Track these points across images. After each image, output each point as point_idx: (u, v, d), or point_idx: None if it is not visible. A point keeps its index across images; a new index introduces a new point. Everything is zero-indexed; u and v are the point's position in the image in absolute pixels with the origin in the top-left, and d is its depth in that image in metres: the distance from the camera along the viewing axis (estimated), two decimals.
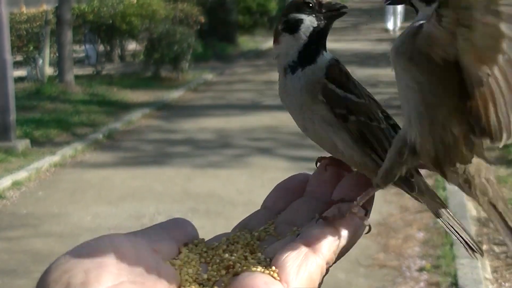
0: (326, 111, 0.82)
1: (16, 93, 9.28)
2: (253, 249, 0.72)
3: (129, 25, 13.89)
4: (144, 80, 13.10)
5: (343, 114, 0.82)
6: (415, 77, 0.74)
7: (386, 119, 0.85)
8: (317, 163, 0.85)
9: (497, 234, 5.38)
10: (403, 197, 6.32)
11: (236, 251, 0.71)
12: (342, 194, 0.77)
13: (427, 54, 0.72)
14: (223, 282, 0.67)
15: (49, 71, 12.73)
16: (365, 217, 0.75)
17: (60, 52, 12.03)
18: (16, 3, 17.59)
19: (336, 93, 0.82)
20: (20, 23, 13.03)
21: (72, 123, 9.66)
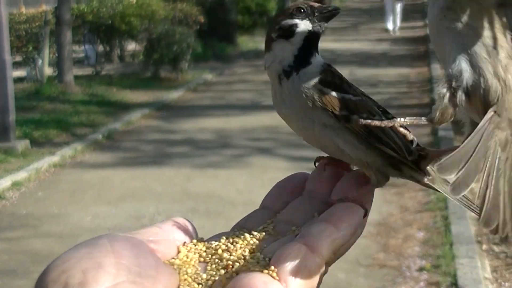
0: (326, 116, 0.82)
1: (16, 93, 9.28)
2: (252, 248, 0.72)
3: (129, 25, 13.89)
4: (144, 80, 13.11)
5: (345, 116, 0.82)
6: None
7: (384, 113, 0.86)
8: (315, 163, 0.86)
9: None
10: (403, 197, 6.33)
11: (235, 250, 0.71)
12: (341, 193, 0.77)
13: None
14: (222, 282, 0.67)
15: (48, 71, 12.73)
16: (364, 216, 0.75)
17: (60, 52, 12.04)
18: (16, 3, 17.60)
19: (333, 96, 0.82)
20: (19, 23, 13.03)
21: (71, 124, 9.66)
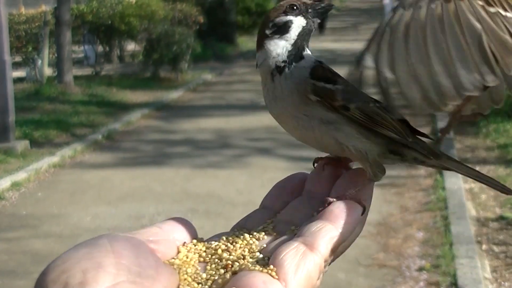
0: (323, 110, 0.82)
1: (15, 94, 9.29)
2: (251, 248, 0.72)
3: (128, 25, 13.89)
4: (143, 80, 13.11)
5: (342, 105, 0.82)
6: None
7: (375, 101, 0.86)
8: (314, 163, 0.86)
9: (497, 234, 5.39)
10: (403, 197, 6.33)
11: (234, 250, 0.71)
12: (339, 192, 0.77)
13: None
14: (221, 281, 0.67)
15: (48, 71, 12.73)
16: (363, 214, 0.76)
17: (59, 52, 12.04)
18: (15, 4, 17.60)
19: (327, 88, 0.82)
20: (19, 24, 13.05)
21: (71, 124, 9.65)
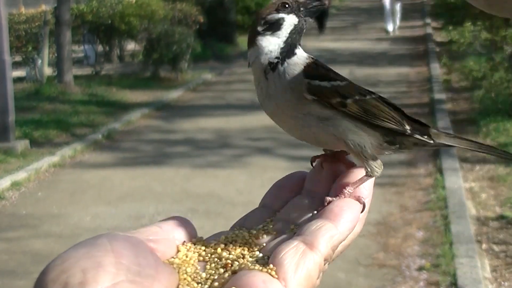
0: (320, 108, 0.82)
1: (15, 93, 9.29)
2: (251, 247, 0.72)
3: (128, 25, 13.89)
4: (143, 80, 13.11)
5: (339, 102, 0.82)
6: None
7: (370, 93, 0.87)
8: (312, 162, 0.86)
9: (497, 233, 5.39)
10: (402, 196, 6.33)
11: (234, 249, 0.71)
12: (339, 191, 0.78)
13: None
14: (221, 281, 0.67)
15: (48, 71, 12.73)
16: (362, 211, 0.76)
17: (59, 52, 12.04)
18: (15, 3, 17.60)
19: (323, 86, 0.82)
20: (19, 23, 13.05)
21: (71, 124, 9.66)
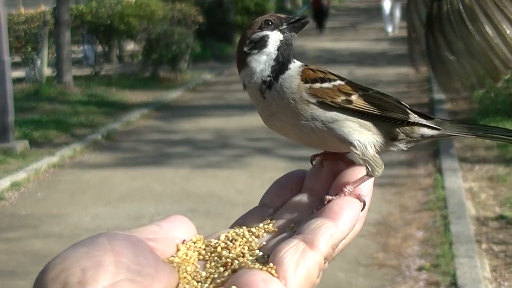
0: (324, 110, 0.82)
1: (15, 94, 9.29)
2: (251, 246, 0.72)
3: (127, 25, 13.89)
4: (143, 80, 13.11)
5: (344, 100, 0.83)
6: None
7: (371, 90, 0.87)
8: (312, 161, 0.86)
9: (496, 233, 5.39)
10: (402, 196, 6.33)
11: (234, 248, 0.71)
12: (338, 189, 0.77)
13: None
14: (221, 279, 0.67)
15: (47, 72, 12.73)
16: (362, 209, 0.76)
17: (59, 53, 12.04)
18: (14, 4, 17.61)
19: (325, 87, 0.83)
20: (18, 24, 13.05)
21: (70, 124, 9.65)
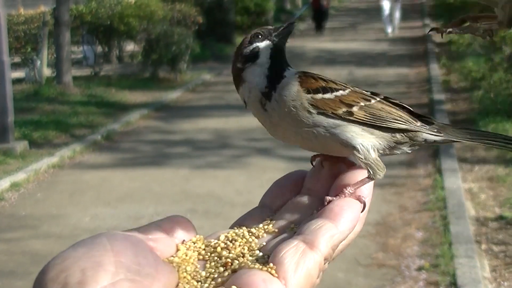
0: (328, 119, 0.82)
1: (14, 94, 9.29)
2: (251, 246, 0.72)
3: (127, 26, 13.89)
4: (142, 81, 13.11)
5: (346, 111, 0.82)
6: None
7: (374, 95, 0.87)
8: (312, 161, 0.86)
9: (496, 233, 5.39)
10: (402, 196, 6.33)
11: (234, 248, 0.71)
12: (339, 190, 0.77)
13: None
14: (221, 279, 0.67)
15: (47, 72, 12.73)
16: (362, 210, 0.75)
17: (58, 53, 12.04)
18: (14, 4, 17.60)
19: (327, 98, 0.82)
20: (18, 24, 13.04)
21: (70, 125, 9.65)
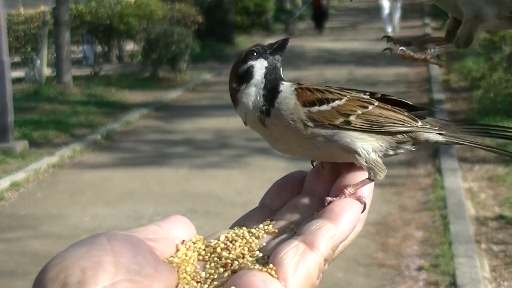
0: (326, 130, 0.82)
1: (14, 94, 9.29)
2: (251, 247, 0.72)
3: (127, 25, 13.89)
4: (142, 80, 13.11)
5: (343, 121, 0.82)
6: None
7: (372, 95, 0.86)
8: (312, 162, 0.86)
9: (496, 233, 5.39)
10: (402, 196, 6.33)
11: (234, 249, 0.71)
12: (339, 191, 0.77)
13: None
14: (221, 280, 0.67)
15: (47, 72, 12.73)
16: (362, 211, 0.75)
17: (58, 53, 12.03)
18: (14, 4, 17.59)
19: (323, 110, 0.82)
20: (18, 24, 13.04)
21: (70, 124, 9.65)
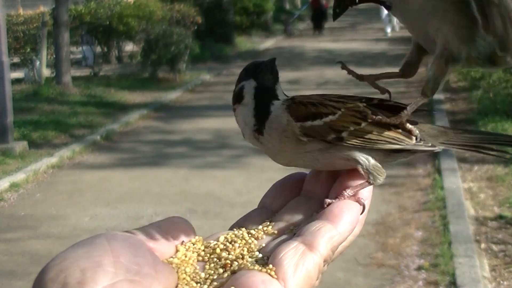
0: (320, 145, 0.81)
1: (14, 95, 9.29)
2: (250, 247, 0.72)
3: (126, 26, 13.90)
4: (142, 81, 13.11)
5: (336, 137, 0.80)
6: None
7: (368, 102, 0.84)
8: None
9: (495, 233, 5.40)
10: (401, 196, 6.33)
11: (233, 249, 0.71)
12: (338, 192, 0.77)
13: None
14: (220, 281, 0.67)
15: (46, 72, 12.73)
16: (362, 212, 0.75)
17: (57, 53, 12.04)
18: (13, 5, 17.59)
19: (316, 125, 0.80)
20: (17, 24, 13.05)
21: (69, 125, 9.65)
